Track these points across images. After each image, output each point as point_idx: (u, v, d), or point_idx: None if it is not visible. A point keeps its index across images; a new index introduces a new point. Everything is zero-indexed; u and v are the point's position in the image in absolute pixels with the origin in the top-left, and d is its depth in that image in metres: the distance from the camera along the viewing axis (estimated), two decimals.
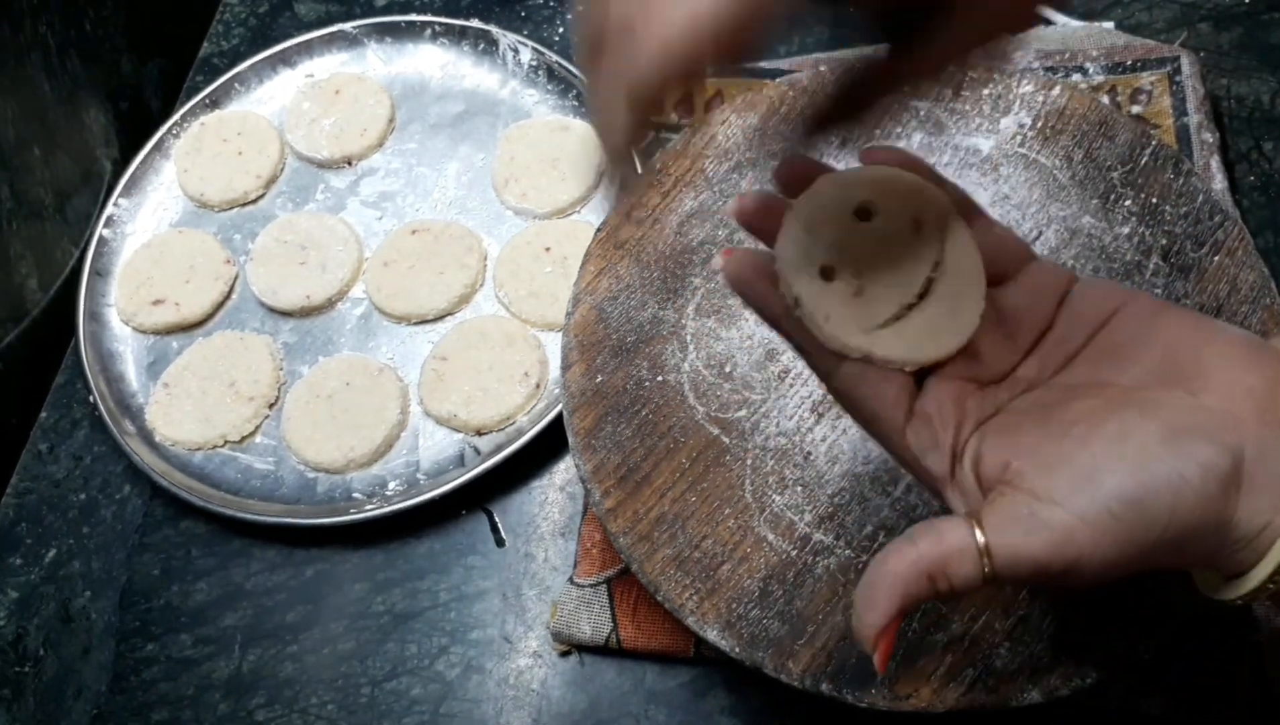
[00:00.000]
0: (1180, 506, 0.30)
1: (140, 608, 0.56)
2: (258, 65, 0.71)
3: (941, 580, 0.31)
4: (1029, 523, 0.30)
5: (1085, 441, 0.31)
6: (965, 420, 0.34)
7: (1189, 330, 0.33)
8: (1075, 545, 0.30)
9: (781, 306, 0.34)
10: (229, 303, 0.64)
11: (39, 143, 0.66)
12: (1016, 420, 0.34)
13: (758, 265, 0.35)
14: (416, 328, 0.62)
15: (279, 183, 0.68)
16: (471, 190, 0.66)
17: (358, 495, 0.57)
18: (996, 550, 0.30)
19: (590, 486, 0.47)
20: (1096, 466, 0.30)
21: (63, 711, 0.54)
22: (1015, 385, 0.35)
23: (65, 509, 0.60)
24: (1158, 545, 0.30)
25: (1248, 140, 0.61)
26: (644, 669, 0.51)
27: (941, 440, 0.34)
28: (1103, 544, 0.30)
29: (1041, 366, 0.35)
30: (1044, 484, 0.31)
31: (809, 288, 0.33)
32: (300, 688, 0.53)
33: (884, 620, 0.31)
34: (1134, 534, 0.30)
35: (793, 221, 0.34)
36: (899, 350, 0.33)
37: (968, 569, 0.31)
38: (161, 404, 0.60)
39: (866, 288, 0.34)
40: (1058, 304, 0.35)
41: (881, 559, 0.32)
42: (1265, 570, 0.31)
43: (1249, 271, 0.49)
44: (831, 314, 0.33)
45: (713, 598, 0.44)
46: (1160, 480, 0.30)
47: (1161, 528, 0.30)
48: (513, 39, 0.69)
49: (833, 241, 0.33)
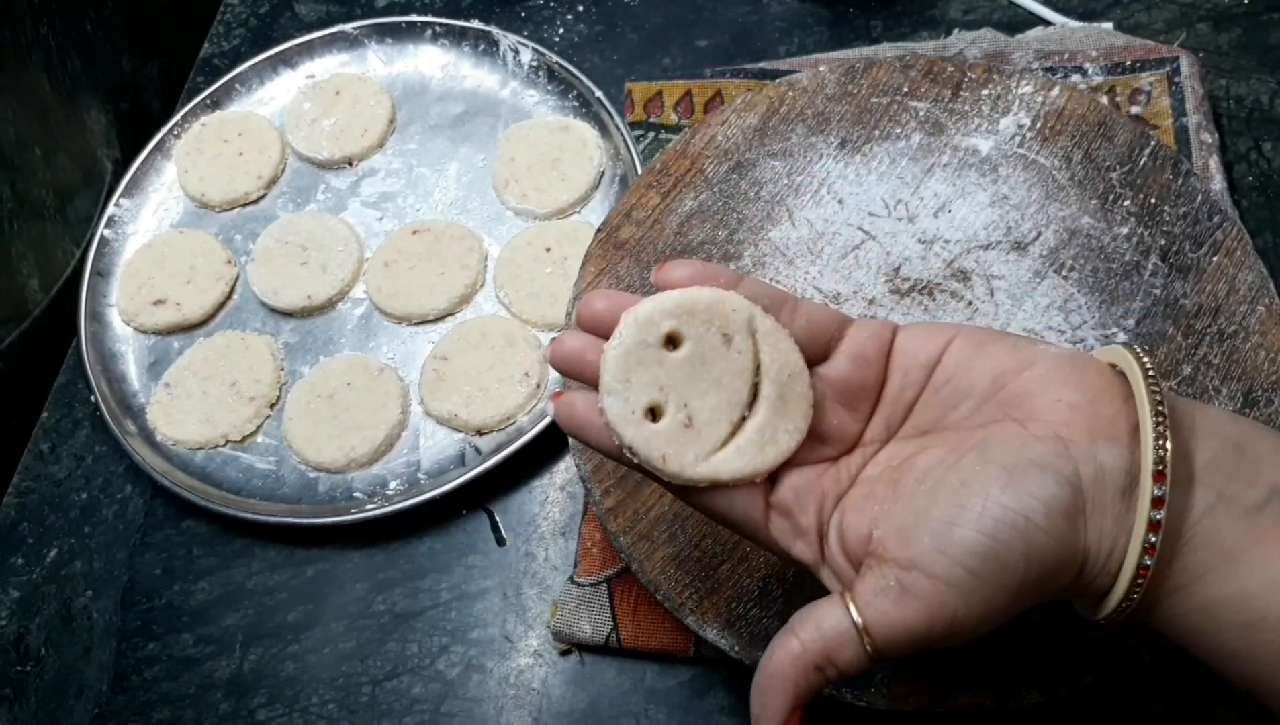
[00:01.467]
0: (1033, 549, 0.30)
1: (142, 607, 0.57)
2: (258, 66, 0.71)
3: (829, 668, 0.31)
4: (899, 593, 0.31)
5: (933, 498, 0.31)
6: (825, 499, 0.34)
7: (1009, 358, 0.34)
8: (947, 608, 0.30)
9: (615, 446, 0.34)
10: (230, 303, 0.64)
11: (40, 143, 0.67)
12: (870, 489, 0.34)
13: (589, 406, 0.34)
14: (417, 328, 0.62)
15: (280, 183, 0.68)
16: (472, 191, 0.66)
17: (358, 495, 0.57)
18: (873, 626, 0.31)
19: (590, 486, 0.48)
20: (947, 525, 0.31)
21: (64, 711, 0.54)
22: (866, 449, 0.35)
23: (67, 509, 0.60)
24: (1023, 589, 0.31)
25: (1246, 141, 0.61)
26: (644, 668, 0.51)
27: (804, 526, 0.34)
28: (973, 601, 0.30)
29: (887, 424, 0.35)
30: (904, 552, 0.31)
31: (639, 434, 0.33)
32: (301, 687, 0.53)
33: (779, 719, 0.32)
34: (997, 584, 0.30)
35: (606, 371, 0.33)
36: (744, 465, 0.34)
37: (850, 653, 0.31)
38: (163, 404, 0.60)
39: (695, 415, 0.34)
40: (885, 361, 0.35)
41: (767, 658, 0.32)
42: (1120, 590, 0.31)
43: (1247, 272, 0.49)
44: (667, 453, 0.33)
45: (712, 597, 0.45)
46: (1007, 528, 0.30)
47: (1021, 573, 0.30)
48: (513, 40, 0.69)
49: (650, 381, 0.33)
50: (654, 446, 0.33)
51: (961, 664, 0.42)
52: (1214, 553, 0.30)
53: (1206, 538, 0.30)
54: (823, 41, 0.69)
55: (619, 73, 0.70)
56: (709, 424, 0.34)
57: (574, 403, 0.35)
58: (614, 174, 0.65)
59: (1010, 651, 0.42)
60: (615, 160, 0.65)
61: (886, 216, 0.53)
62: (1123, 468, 0.31)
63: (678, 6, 0.72)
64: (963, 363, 0.34)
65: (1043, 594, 0.31)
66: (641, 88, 0.68)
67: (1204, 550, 0.30)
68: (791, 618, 0.32)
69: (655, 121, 0.66)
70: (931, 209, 0.52)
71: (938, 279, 0.51)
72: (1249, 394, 0.46)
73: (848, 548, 0.33)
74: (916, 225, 0.52)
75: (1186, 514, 0.31)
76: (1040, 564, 0.30)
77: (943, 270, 0.51)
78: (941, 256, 0.51)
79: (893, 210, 0.53)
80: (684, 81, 0.68)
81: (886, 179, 0.53)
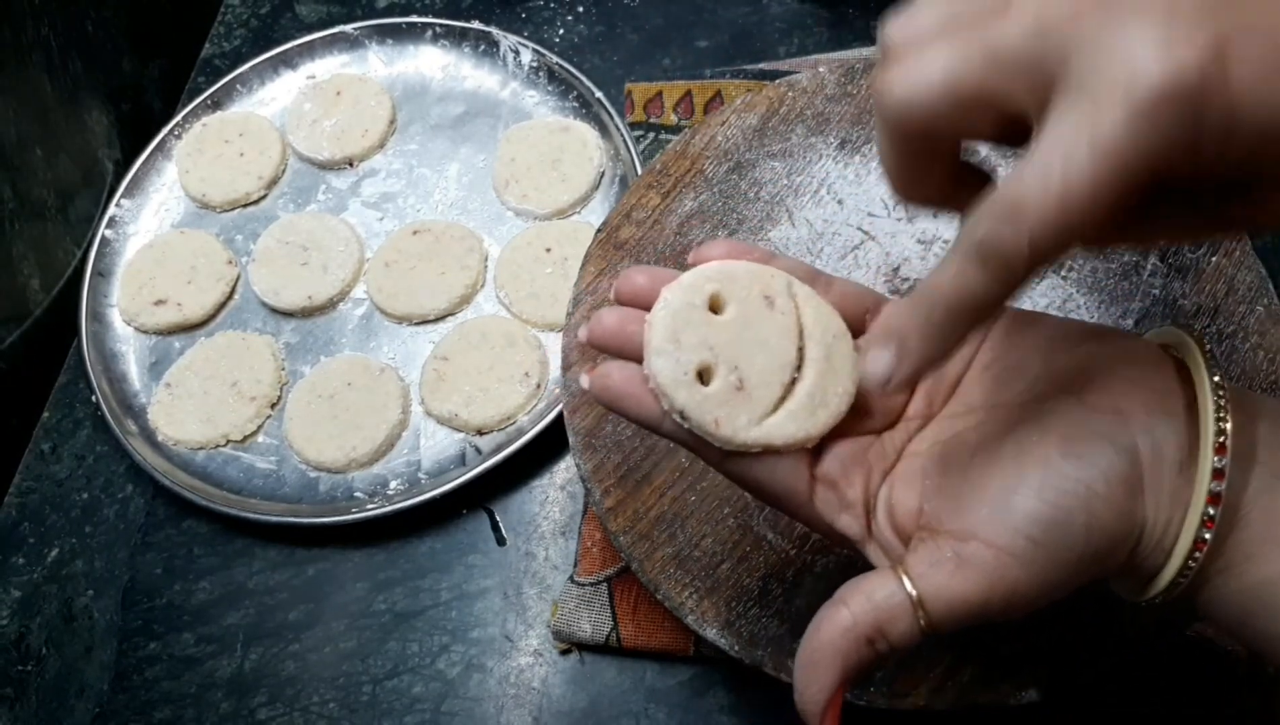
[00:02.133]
0: (1095, 518, 0.30)
1: (142, 607, 0.57)
2: (259, 66, 0.71)
3: (880, 642, 0.30)
4: (955, 565, 0.30)
5: (988, 468, 0.31)
6: (871, 473, 0.34)
7: (1061, 336, 0.33)
8: (1008, 579, 0.30)
9: (660, 413, 0.33)
10: (231, 303, 0.65)
11: (41, 144, 0.67)
12: (919, 463, 0.33)
13: (626, 376, 0.34)
14: (418, 328, 0.62)
15: (280, 184, 0.68)
16: (472, 191, 0.66)
17: (359, 495, 0.57)
18: (929, 599, 0.30)
19: (590, 486, 0.48)
20: (1006, 494, 0.30)
21: (65, 710, 0.54)
22: (909, 425, 0.35)
23: (68, 508, 0.60)
24: (1081, 562, 0.30)
25: None
26: (644, 667, 0.51)
27: (850, 499, 0.33)
28: (1033, 571, 0.30)
29: (928, 399, 0.35)
30: (960, 524, 0.30)
31: (691, 397, 0.32)
32: (302, 686, 0.53)
33: (827, 694, 0.31)
34: (1059, 555, 0.30)
35: (655, 334, 0.33)
36: (796, 430, 0.33)
37: (904, 625, 0.30)
38: (164, 404, 0.60)
39: (745, 378, 0.33)
40: None
41: (814, 629, 0.31)
42: (1174, 567, 0.30)
43: (1246, 272, 0.49)
44: (720, 417, 0.32)
45: (712, 596, 0.45)
46: (1070, 495, 0.30)
47: (1082, 543, 0.30)
48: (513, 40, 0.69)
49: (699, 342, 0.33)
50: (706, 410, 0.32)
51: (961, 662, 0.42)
52: (1267, 530, 0.30)
53: (1261, 516, 0.30)
54: (823, 42, 0.69)
55: (619, 73, 0.70)
56: (759, 387, 0.33)
57: (610, 373, 0.34)
58: (614, 174, 0.65)
59: (1010, 651, 0.42)
60: (615, 161, 0.65)
61: (886, 217, 0.53)
62: (1180, 443, 0.30)
63: (678, 7, 0.73)
64: (1011, 340, 0.34)
65: (1100, 569, 0.31)
66: (641, 88, 0.68)
67: (1258, 527, 0.30)
68: (837, 591, 0.31)
69: (655, 122, 0.67)
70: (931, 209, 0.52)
71: None
72: None
73: (897, 523, 0.32)
74: (916, 225, 0.52)
75: (1244, 490, 0.30)
76: (1100, 535, 0.30)
77: None
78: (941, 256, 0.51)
79: (892, 210, 0.53)
80: (684, 82, 0.68)
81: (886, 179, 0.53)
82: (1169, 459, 0.30)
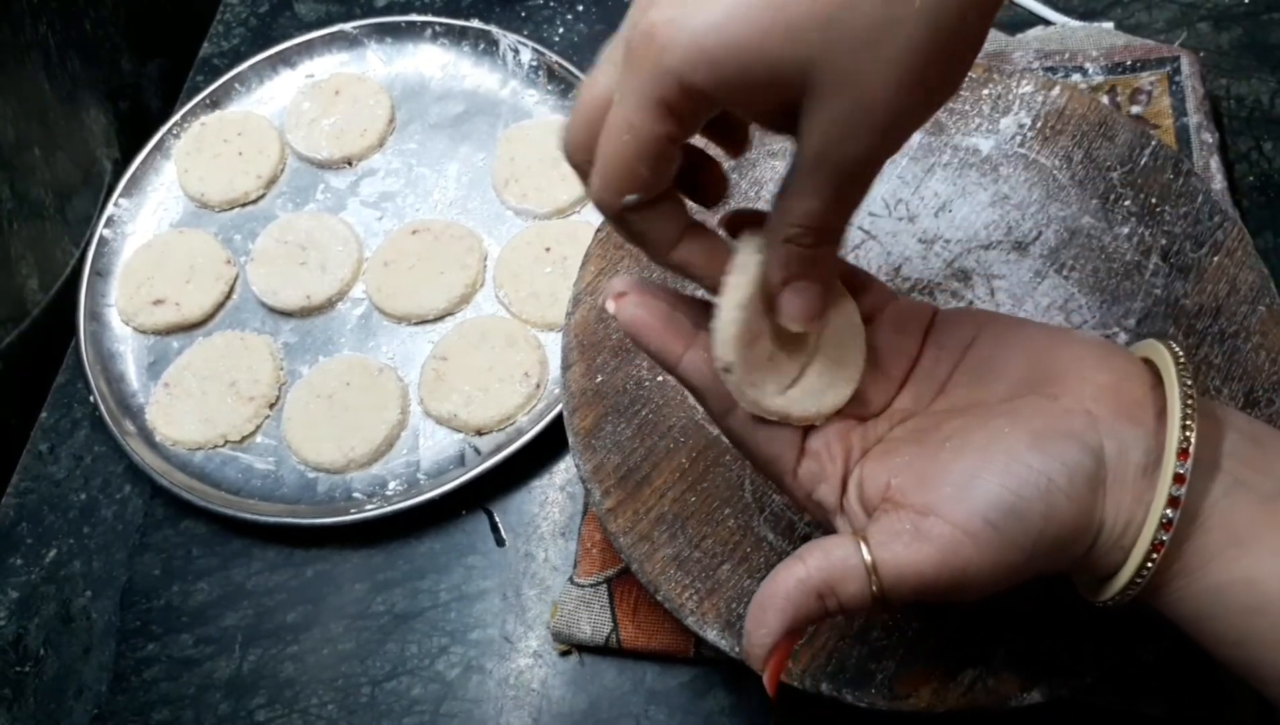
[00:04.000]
0: (1053, 509, 0.31)
1: (141, 608, 0.57)
2: (258, 65, 0.71)
3: (830, 598, 0.32)
4: (912, 537, 0.31)
5: (958, 453, 0.32)
6: (851, 452, 0.35)
7: (1045, 341, 0.35)
8: (960, 557, 0.31)
9: (678, 355, 0.35)
10: (229, 303, 0.64)
11: (39, 143, 0.66)
12: (894, 445, 0.35)
13: (658, 312, 0.35)
14: (417, 328, 0.62)
15: (279, 183, 0.68)
16: (472, 190, 0.66)
17: (358, 495, 0.57)
18: (882, 565, 0.31)
19: (590, 486, 0.47)
20: (970, 477, 0.31)
21: (63, 711, 0.54)
22: (894, 417, 0.36)
23: (66, 509, 0.60)
24: (1036, 550, 0.31)
25: (1247, 140, 0.61)
26: (644, 669, 0.51)
27: (829, 473, 0.35)
28: (986, 553, 0.31)
29: (916, 397, 0.36)
30: (923, 499, 0.32)
31: (742, 357, 0.34)
32: (301, 688, 0.53)
33: (772, 639, 0.32)
34: (1014, 540, 0.31)
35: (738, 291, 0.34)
36: (809, 406, 0.35)
37: (855, 587, 0.31)
38: (162, 404, 0.60)
39: (776, 352, 0.35)
40: (923, 337, 0.37)
41: (770, 578, 0.32)
42: (1131, 567, 0.31)
43: (1248, 272, 0.49)
44: (755, 380, 0.34)
45: (712, 597, 0.45)
46: (1030, 486, 0.31)
47: (1038, 532, 0.31)
48: (513, 39, 0.69)
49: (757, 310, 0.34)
50: (749, 371, 0.34)
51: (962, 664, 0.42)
52: (1226, 536, 0.31)
53: (1220, 521, 0.31)
54: None
55: None
56: (786, 362, 0.35)
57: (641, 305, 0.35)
58: None
59: (1010, 652, 0.42)
60: None
61: (887, 216, 0.52)
62: (1146, 448, 0.32)
63: None
64: (998, 345, 0.35)
65: (1054, 561, 0.32)
66: None
67: (1217, 533, 0.31)
68: (799, 549, 0.33)
69: None
70: (932, 209, 0.52)
71: (938, 279, 0.51)
72: (1250, 394, 0.46)
73: (865, 497, 0.34)
74: (917, 225, 0.52)
75: (1204, 496, 0.31)
76: (1058, 528, 0.31)
77: (943, 270, 0.51)
78: (942, 256, 0.51)
79: (893, 210, 0.53)
80: None
81: (887, 178, 0.53)
82: (1134, 463, 0.31)
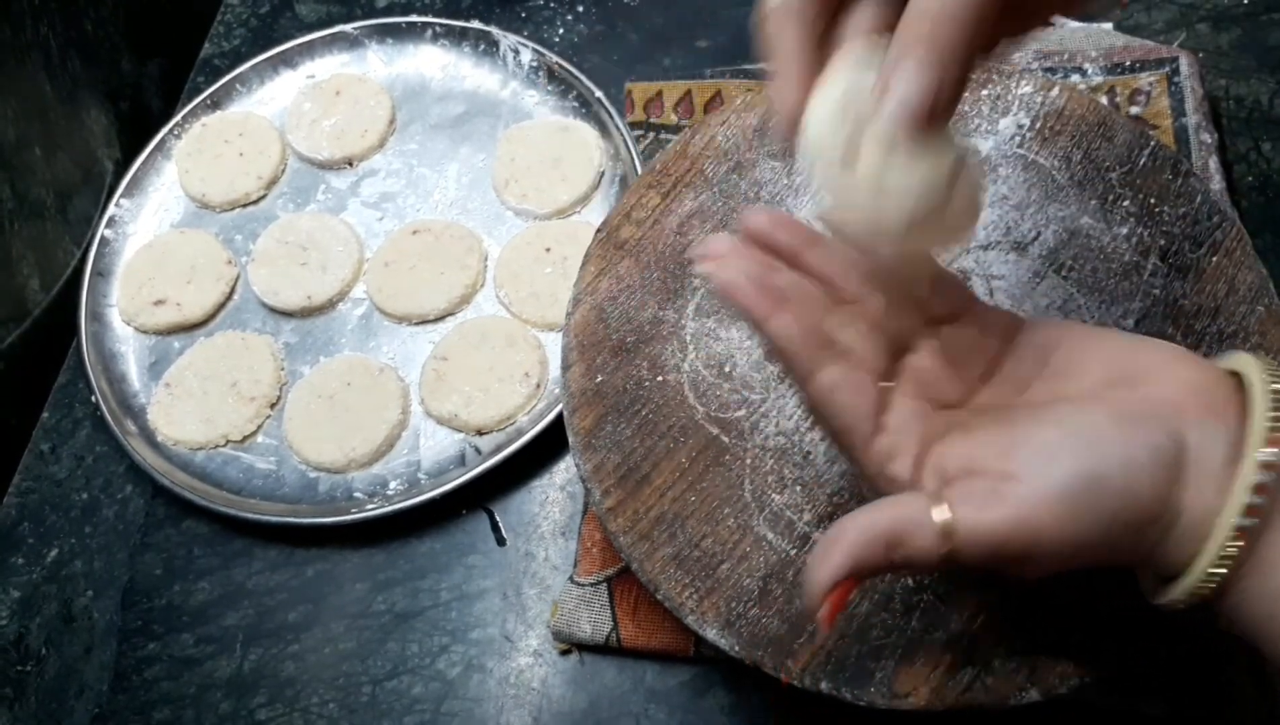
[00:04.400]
0: (1132, 488, 0.31)
1: (142, 607, 0.57)
2: (259, 66, 0.71)
3: (897, 550, 0.32)
4: (990, 497, 0.31)
5: (1040, 425, 0.33)
6: (929, 433, 0.35)
7: (1128, 345, 0.35)
8: (1035, 522, 0.31)
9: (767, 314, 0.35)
10: (230, 303, 0.64)
11: (40, 143, 0.67)
12: (977, 427, 0.35)
13: (753, 273, 0.35)
14: (417, 328, 0.62)
15: (280, 183, 0.68)
16: (472, 191, 0.66)
17: (359, 495, 0.57)
18: (958, 523, 0.31)
19: (590, 486, 0.48)
20: (1053, 447, 0.32)
21: (65, 711, 0.54)
22: (973, 409, 0.36)
23: (67, 509, 0.60)
24: (1111, 529, 0.31)
25: (1246, 141, 0.61)
26: (644, 668, 0.51)
27: (905, 448, 0.35)
28: (1062, 523, 0.31)
29: (996, 395, 0.36)
30: (1004, 466, 0.32)
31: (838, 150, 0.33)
32: (301, 687, 0.53)
33: (834, 576, 0.32)
34: (1091, 514, 0.31)
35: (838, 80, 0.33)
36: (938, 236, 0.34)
37: (924, 542, 0.32)
38: (163, 404, 0.60)
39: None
40: (1005, 340, 0.37)
41: (842, 521, 0.33)
42: (1208, 557, 0.31)
43: (1247, 272, 0.49)
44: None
45: (712, 596, 0.45)
46: (1113, 460, 0.31)
47: (1115, 509, 0.31)
48: (513, 40, 0.69)
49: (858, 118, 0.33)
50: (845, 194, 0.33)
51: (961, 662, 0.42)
52: None
53: None
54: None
55: (619, 73, 0.70)
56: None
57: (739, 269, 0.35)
58: (614, 174, 0.65)
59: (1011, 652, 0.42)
60: (615, 160, 0.65)
61: None
62: (1229, 442, 0.32)
63: (678, 7, 0.72)
64: (1081, 348, 0.35)
65: (1130, 544, 0.32)
66: (641, 88, 0.68)
67: None
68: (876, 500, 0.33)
69: (655, 122, 0.66)
70: None
71: None
72: None
73: (945, 472, 0.34)
74: None
75: None
76: (1134, 509, 0.31)
77: None
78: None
79: None
80: (684, 82, 0.68)
81: None
82: (1216, 455, 0.31)
